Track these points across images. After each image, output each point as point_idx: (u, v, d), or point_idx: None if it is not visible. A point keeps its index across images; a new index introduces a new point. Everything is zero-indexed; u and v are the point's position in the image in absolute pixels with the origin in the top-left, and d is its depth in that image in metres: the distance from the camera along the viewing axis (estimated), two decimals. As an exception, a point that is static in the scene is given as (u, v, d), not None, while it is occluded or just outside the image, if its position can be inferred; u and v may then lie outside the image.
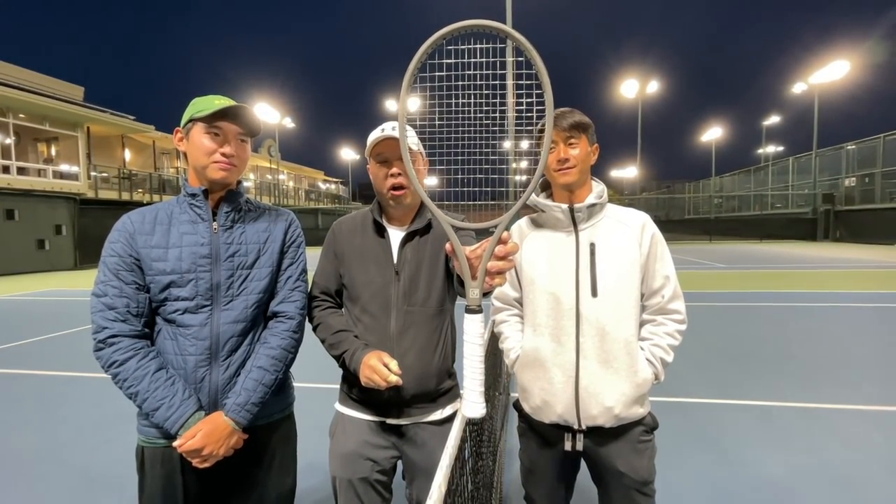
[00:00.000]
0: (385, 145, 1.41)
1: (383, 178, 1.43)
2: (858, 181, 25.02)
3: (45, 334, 6.55)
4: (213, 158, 1.26)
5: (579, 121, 1.38)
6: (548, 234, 1.45)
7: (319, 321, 1.48)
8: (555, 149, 1.39)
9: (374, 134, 1.44)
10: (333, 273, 1.52)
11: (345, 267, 1.49)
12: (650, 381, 1.38)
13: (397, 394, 1.40)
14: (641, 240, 1.40)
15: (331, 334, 1.43)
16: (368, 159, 1.47)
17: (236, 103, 1.26)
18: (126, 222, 1.28)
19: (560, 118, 1.38)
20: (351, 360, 1.36)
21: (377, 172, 1.45)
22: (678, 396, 3.71)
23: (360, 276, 1.45)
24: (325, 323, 1.47)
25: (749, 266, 14.15)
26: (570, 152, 1.37)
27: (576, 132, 1.38)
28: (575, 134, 1.38)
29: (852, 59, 27.73)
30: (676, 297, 1.41)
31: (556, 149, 1.39)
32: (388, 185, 1.42)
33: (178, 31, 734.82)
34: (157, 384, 1.20)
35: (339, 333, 1.42)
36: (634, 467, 1.38)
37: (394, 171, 1.41)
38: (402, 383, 1.33)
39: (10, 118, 16.86)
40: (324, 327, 1.46)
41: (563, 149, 1.38)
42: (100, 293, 1.23)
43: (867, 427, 3.19)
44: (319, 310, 1.50)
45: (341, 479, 1.44)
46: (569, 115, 1.39)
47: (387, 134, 1.40)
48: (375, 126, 1.48)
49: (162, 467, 1.27)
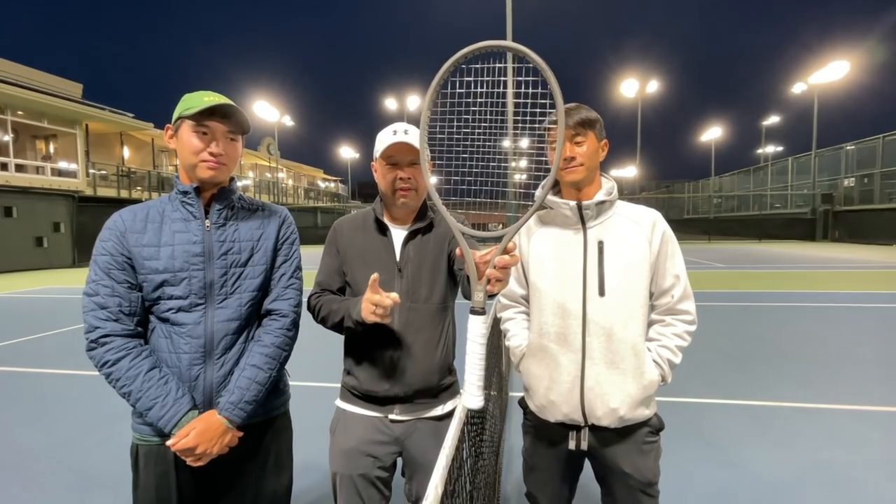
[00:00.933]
0: (397, 148, 1.40)
1: (392, 179, 1.43)
2: (857, 181, 25.06)
3: (43, 332, 6.53)
4: (200, 157, 1.24)
5: (585, 117, 1.34)
6: (555, 232, 1.43)
7: (320, 304, 1.46)
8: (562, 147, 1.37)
9: (385, 134, 1.42)
10: (337, 270, 1.51)
11: (347, 265, 1.50)
12: (657, 382, 1.37)
13: (399, 389, 1.41)
14: (652, 238, 1.37)
15: (332, 306, 1.42)
16: (376, 158, 1.46)
17: (224, 101, 1.25)
18: (117, 221, 1.27)
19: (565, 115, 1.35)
20: (353, 311, 1.33)
21: (385, 173, 1.44)
22: (676, 396, 3.71)
23: (363, 274, 1.44)
24: (324, 302, 1.45)
25: (748, 266, 14.16)
26: (577, 150, 1.34)
27: (582, 129, 1.34)
28: (581, 131, 1.34)
29: (852, 59, 27.78)
30: (686, 297, 1.38)
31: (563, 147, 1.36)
32: (396, 186, 1.42)
33: (178, 29, 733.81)
34: (151, 383, 1.19)
35: (338, 304, 1.42)
36: (639, 468, 1.37)
37: (404, 177, 1.41)
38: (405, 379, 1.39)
39: (9, 115, 16.81)
40: (325, 305, 1.44)
41: (570, 147, 1.34)
42: (91, 292, 1.22)
43: (866, 427, 3.18)
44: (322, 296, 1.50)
45: (342, 475, 1.44)
46: (574, 111, 1.34)
47: (399, 139, 1.38)
48: (375, 124, 1.49)
49: (156, 465, 1.26)
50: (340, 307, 1.39)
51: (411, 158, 1.40)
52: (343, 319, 1.37)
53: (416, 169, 1.41)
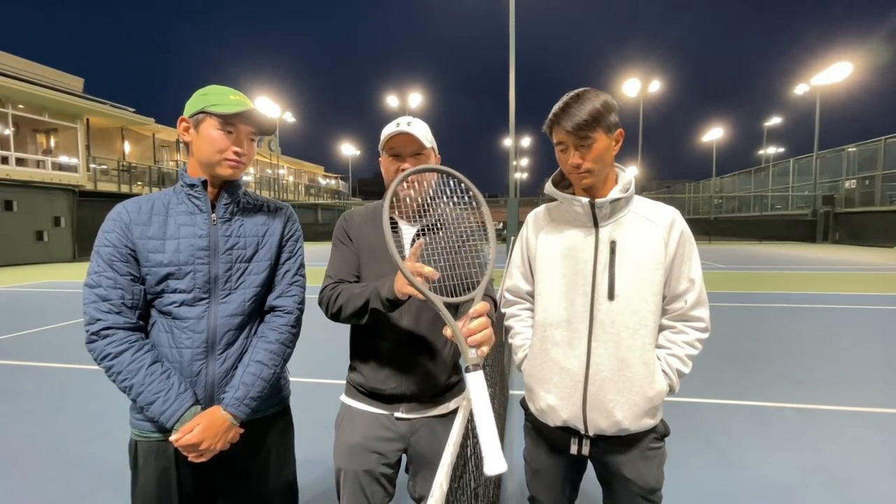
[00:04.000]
0: (398, 140, 1.38)
1: (395, 171, 1.41)
2: (859, 183, 25.03)
3: (43, 326, 6.52)
4: (224, 155, 1.24)
5: (588, 116, 1.17)
6: (565, 228, 1.33)
7: (337, 293, 1.35)
8: (566, 150, 1.23)
9: (389, 126, 1.42)
10: (352, 260, 1.45)
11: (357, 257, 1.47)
12: (664, 393, 1.29)
13: (407, 387, 1.41)
14: (669, 238, 1.26)
15: (354, 290, 1.31)
16: (381, 152, 1.45)
17: (251, 106, 1.25)
18: (121, 212, 1.25)
19: (565, 117, 1.19)
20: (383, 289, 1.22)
21: (389, 166, 1.44)
22: (676, 396, 3.70)
23: (373, 269, 1.43)
24: (343, 290, 1.35)
25: (748, 267, 14.15)
26: (585, 156, 1.20)
27: (587, 130, 1.18)
28: (585, 133, 1.18)
29: (855, 60, 27.70)
30: (700, 303, 1.29)
31: (567, 152, 1.23)
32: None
33: (179, 24, 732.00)
34: (153, 377, 1.18)
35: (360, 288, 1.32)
36: (642, 474, 1.31)
37: (405, 167, 1.39)
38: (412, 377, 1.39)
39: (10, 109, 16.77)
40: (343, 292, 1.33)
41: (574, 154, 1.21)
42: (93, 284, 1.20)
43: (866, 428, 3.18)
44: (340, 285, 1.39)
45: (346, 471, 1.43)
46: (576, 108, 1.18)
47: (401, 129, 1.37)
48: (376, 122, 1.48)
49: (156, 461, 1.25)
50: (364, 290, 1.28)
51: (414, 149, 1.39)
52: (367, 303, 1.25)
53: (418, 160, 1.40)
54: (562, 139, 1.23)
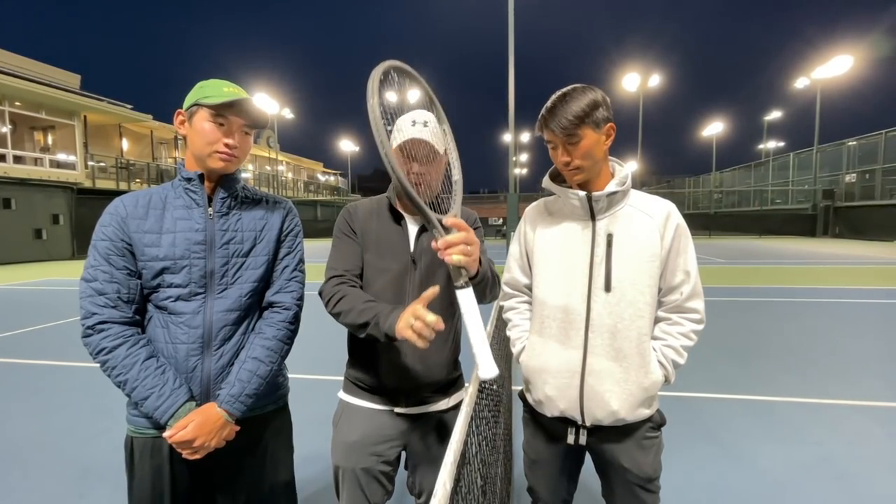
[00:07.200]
0: (413, 144, 1.32)
1: (405, 171, 1.35)
2: (859, 177, 25.02)
3: (42, 324, 6.51)
4: (215, 148, 1.22)
5: (574, 117, 1.20)
6: (563, 222, 1.36)
7: (341, 296, 1.32)
8: (556, 148, 1.27)
9: (404, 122, 1.35)
10: (357, 252, 1.42)
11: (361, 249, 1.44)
12: (660, 383, 1.32)
13: (407, 382, 1.39)
14: (665, 231, 1.29)
15: (357, 305, 1.28)
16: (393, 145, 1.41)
17: (244, 95, 1.22)
18: (118, 206, 1.24)
19: (551, 118, 1.23)
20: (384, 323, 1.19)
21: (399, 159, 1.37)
22: (678, 391, 3.70)
23: (376, 262, 1.41)
24: (347, 296, 1.31)
25: (748, 261, 14.15)
26: (573, 153, 1.23)
27: (572, 129, 1.21)
28: (572, 131, 1.21)
29: (855, 54, 27.59)
30: (696, 294, 1.31)
31: (557, 150, 1.27)
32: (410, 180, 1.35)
33: (177, 20, 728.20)
34: (148, 372, 1.16)
35: (364, 304, 1.29)
36: (638, 463, 1.34)
37: (415, 170, 1.32)
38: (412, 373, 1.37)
39: (6, 106, 16.70)
40: (346, 299, 1.30)
41: (563, 152, 1.24)
42: (89, 278, 1.19)
43: (866, 422, 3.18)
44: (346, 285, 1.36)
45: (345, 469, 1.41)
46: (561, 109, 1.21)
47: (415, 136, 1.31)
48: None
49: (151, 458, 1.24)
50: (367, 309, 1.24)
51: (426, 153, 1.35)
52: (365, 325, 1.22)
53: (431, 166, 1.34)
54: (550, 138, 1.28)
